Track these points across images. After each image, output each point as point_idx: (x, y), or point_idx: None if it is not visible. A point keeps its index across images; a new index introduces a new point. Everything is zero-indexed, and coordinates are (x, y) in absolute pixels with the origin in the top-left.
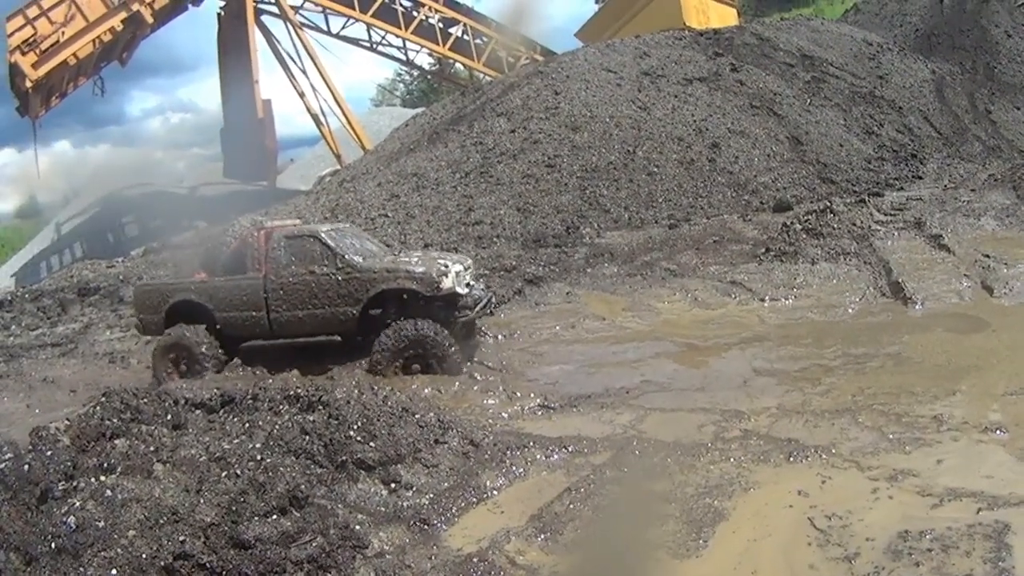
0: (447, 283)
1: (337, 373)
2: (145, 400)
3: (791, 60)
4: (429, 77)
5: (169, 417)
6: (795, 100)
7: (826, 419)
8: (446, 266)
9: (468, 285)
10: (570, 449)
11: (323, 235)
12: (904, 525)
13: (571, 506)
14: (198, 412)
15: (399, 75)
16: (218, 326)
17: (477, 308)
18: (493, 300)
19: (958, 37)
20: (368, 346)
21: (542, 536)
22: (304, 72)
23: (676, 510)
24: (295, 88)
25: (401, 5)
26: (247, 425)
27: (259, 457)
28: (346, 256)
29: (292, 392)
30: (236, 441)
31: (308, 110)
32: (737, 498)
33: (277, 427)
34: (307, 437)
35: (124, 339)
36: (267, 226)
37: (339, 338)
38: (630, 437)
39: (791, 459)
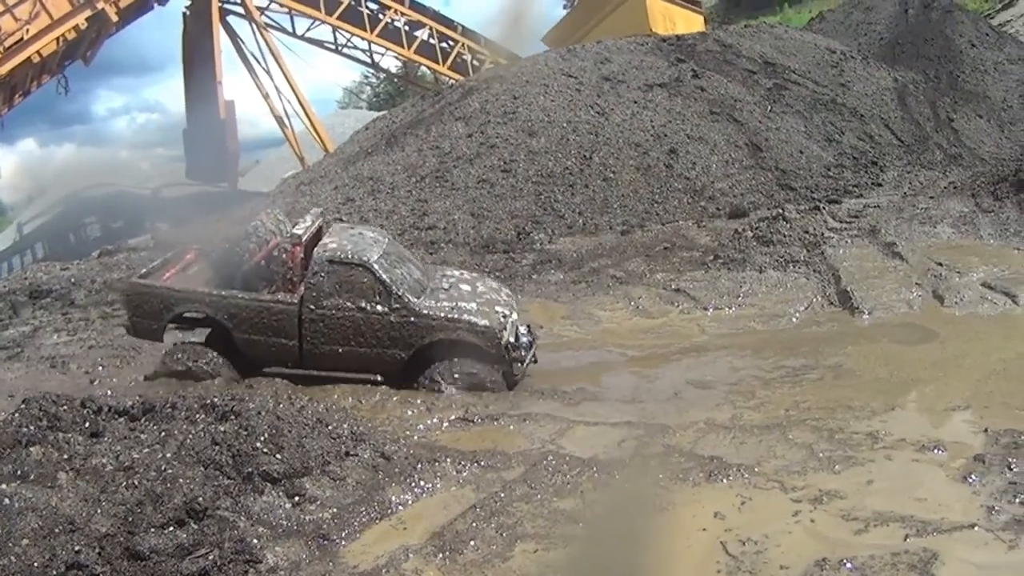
0: (506, 337)
1: (259, 381)
2: (65, 407)
3: (753, 67)
4: (396, 80)
5: (87, 425)
6: (756, 107)
7: (754, 435)
8: (505, 316)
9: (517, 332)
10: (483, 464)
11: (375, 267)
12: (823, 552)
13: (474, 524)
14: (120, 420)
15: (366, 78)
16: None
17: (528, 357)
18: (535, 346)
19: (922, 46)
20: None
21: (441, 555)
22: (268, 73)
23: (582, 531)
24: (259, 89)
25: (367, 8)
26: (162, 434)
27: (163, 467)
28: (403, 296)
29: (209, 401)
30: (147, 450)
31: (272, 112)
32: (649, 519)
33: (190, 437)
34: (217, 447)
35: (70, 343)
36: (303, 238)
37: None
38: (546, 452)
39: (711, 478)
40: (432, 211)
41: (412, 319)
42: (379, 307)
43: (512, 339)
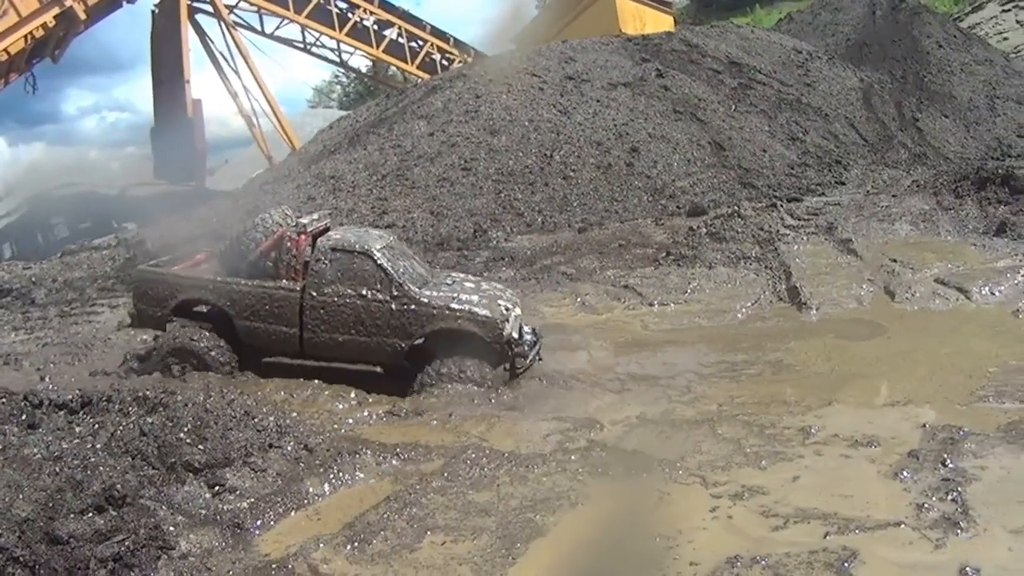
0: (508, 329)
1: (192, 375)
2: (3, 401)
3: (718, 66)
4: (366, 80)
5: (24, 417)
6: (720, 106)
7: (683, 430)
8: (508, 309)
9: (521, 329)
10: (403, 457)
11: (377, 254)
12: (737, 549)
13: (386, 516)
14: (60, 413)
15: (336, 77)
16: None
17: (531, 355)
18: (540, 345)
19: (889, 47)
20: None
21: (351, 545)
22: (237, 72)
23: (493, 523)
24: (227, 89)
25: (336, 6)
26: (96, 426)
27: (89, 456)
28: (404, 284)
29: (142, 394)
30: (77, 441)
31: (240, 111)
32: (562, 513)
33: (121, 428)
34: (144, 438)
35: (27, 341)
36: (308, 229)
37: (379, 368)
38: (467, 446)
39: (631, 472)
40: (392, 209)
41: (412, 307)
42: (380, 295)
43: (516, 335)
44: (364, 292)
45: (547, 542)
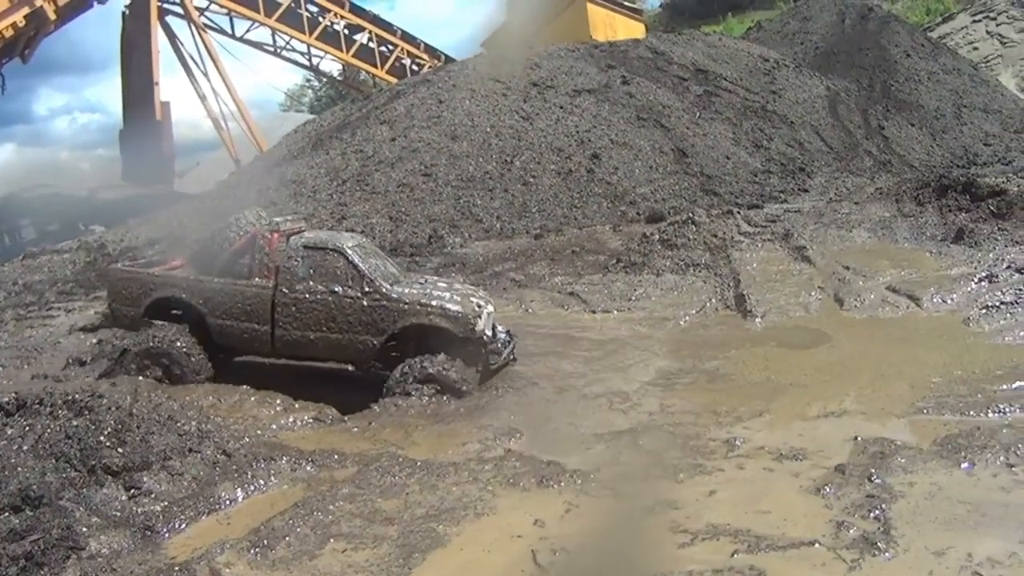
0: (480, 325)
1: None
2: None
3: (684, 74)
4: (339, 83)
5: None
6: (684, 113)
7: (605, 440)
8: (480, 306)
9: (495, 328)
10: (319, 463)
11: (349, 251)
12: (637, 566)
13: (291, 521)
14: None
15: (308, 81)
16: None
17: (505, 353)
18: (514, 345)
19: (857, 56)
20: None
21: (254, 550)
22: (206, 75)
23: (396, 532)
24: (196, 91)
25: (307, 10)
26: (26, 428)
27: (12, 458)
28: (375, 280)
29: (71, 397)
30: (4, 443)
31: (208, 113)
32: (466, 523)
33: (49, 431)
34: (69, 441)
35: None
36: (281, 228)
37: (350, 367)
38: (382, 453)
39: (543, 483)
40: (351, 214)
41: (384, 303)
42: (351, 291)
43: (489, 332)
44: (336, 289)
45: (445, 553)
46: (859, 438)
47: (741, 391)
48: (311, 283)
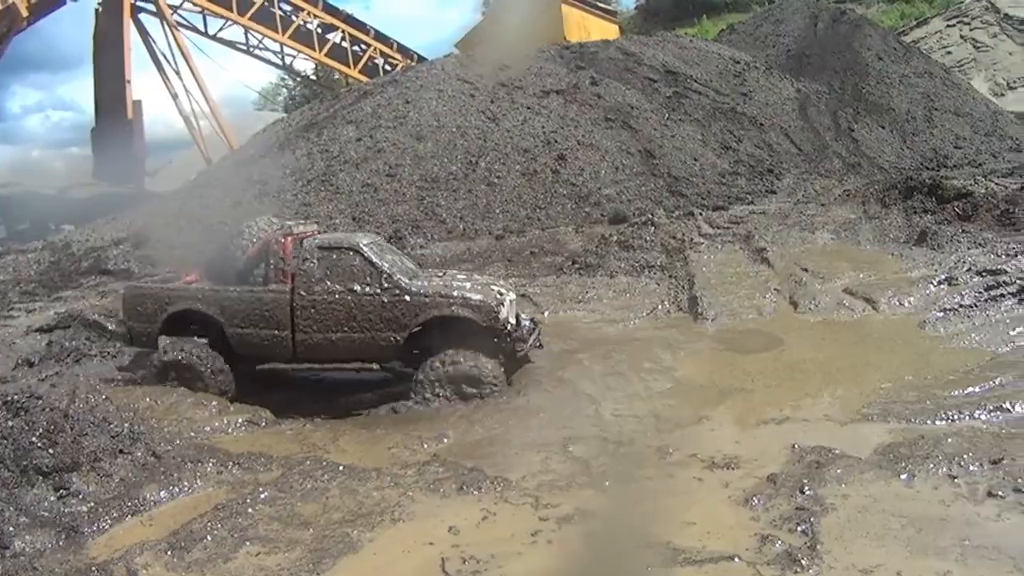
0: (504, 313)
1: (67, 379)
2: None
3: (654, 75)
4: (312, 82)
5: None
6: (653, 114)
7: (534, 447)
8: (501, 294)
9: (518, 316)
10: (244, 466)
11: (365, 249)
12: None
13: (210, 524)
14: None
15: (282, 80)
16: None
17: (531, 340)
18: (540, 331)
19: (829, 58)
20: None
21: (171, 552)
22: (178, 73)
23: (310, 536)
24: (168, 89)
25: (280, 9)
26: None
27: None
28: (393, 276)
29: (10, 397)
30: None
31: (180, 111)
32: (380, 529)
33: None
34: (3, 441)
35: None
36: (295, 232)
37: (376, 366)
38: (307, 457)
39: (463, 490)
40: (314, 215)
41: (405, 298)
42: (370, 288)
43: (512, 320)
44: (354, 287)
45: (356, 558)
46: (796, 446)
47: (684, 396)
48: (329, 284)
